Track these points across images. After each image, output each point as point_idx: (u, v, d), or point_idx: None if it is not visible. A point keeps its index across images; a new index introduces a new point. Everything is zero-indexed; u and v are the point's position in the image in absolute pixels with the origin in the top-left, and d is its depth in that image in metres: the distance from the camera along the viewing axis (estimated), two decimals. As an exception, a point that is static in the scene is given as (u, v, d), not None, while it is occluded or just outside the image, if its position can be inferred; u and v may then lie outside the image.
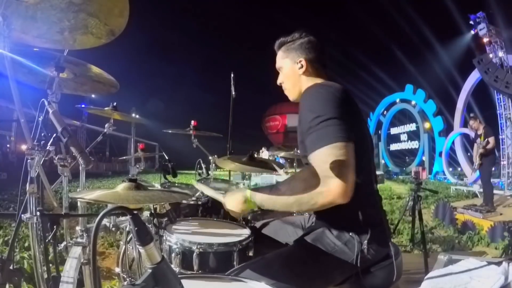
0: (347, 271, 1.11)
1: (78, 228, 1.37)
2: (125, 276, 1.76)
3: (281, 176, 1.88)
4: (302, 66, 1.24)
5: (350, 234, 1.10)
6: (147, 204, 1.21)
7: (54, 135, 1.07)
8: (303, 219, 1.42)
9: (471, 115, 6.46)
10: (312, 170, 0.97)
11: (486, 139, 5.59)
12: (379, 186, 1.29)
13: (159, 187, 1.87)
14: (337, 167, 0.92)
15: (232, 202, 1.13)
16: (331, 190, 0.92)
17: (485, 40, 10.97)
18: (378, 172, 15.83)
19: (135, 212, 0.64)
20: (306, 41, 1.25)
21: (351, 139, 0.97)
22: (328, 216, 1.17)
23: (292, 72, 1.27)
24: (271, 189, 1.07)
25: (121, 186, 0.91)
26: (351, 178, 0.93)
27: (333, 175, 0.91)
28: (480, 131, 5.79)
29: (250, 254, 1.22)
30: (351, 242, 1.09)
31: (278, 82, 1.35)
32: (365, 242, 1.09)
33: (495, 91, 10.98)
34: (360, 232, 1.10)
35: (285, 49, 1.29)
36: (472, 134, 6.52)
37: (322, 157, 0.95)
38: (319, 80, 1.25)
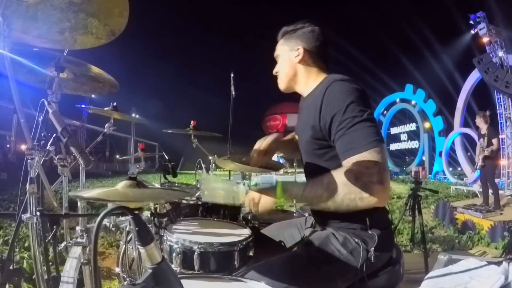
0: (350, 278, 1.09)
1: (78, 228, 1.36)
2: (125, 276, 1.76)
3: (281, 175, 1.88)
4: (298, 54, 1.20)
5: (356, 241, 1.08)
6: (147, 202, 1.21)
7: (54, 135, 1.07)
8: (299, 221, 1.40)
9: (484, 112, 5.87)
10: (350, 173, 0.94)
11: (490, 141, 5.51)
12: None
13: (159, 187, 1.86)
14: (378, 172, 0.92)
15: (257, 202, 1.08)
16: (375, 196, 0.91)
17: (485, 39, 10.95)
18: (378, 172, 15.79)
19: (136, 212, 0.64)
20: (308, 30, 1.21)
21: (383, 140, 0.99)
22: (335, 220, 1.15)
23: (288, 59, 1.23)
24: (306, 185, 1.01)
25: (121, 184, 0.91)
26: (389, 181, 0.94)
27: (375, 181, 0.91)
28: (484, 131, 5.71)
29: (251, 254, 1.22)
30: (357, 250, 1.07)
31: (274, 71, 1.30)
32: (372, 249, 1.07)
33: (495, 91, 10.97)
34: (367, 239, 1.08)
35: (287, 37, 1.25)
36: (472, 134, 6.45)
37: (365, 162, 0.93)
38: (319, 73, 1.21)
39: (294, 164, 3.52)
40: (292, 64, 1.22)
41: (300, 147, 1.28)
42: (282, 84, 1.28)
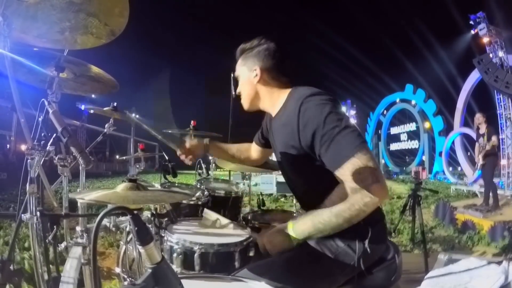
0: (349, 273, 1.10)
1: (78, 228, 1.36)
2: (125, 276, 1.76)
3: (281, 175, 1.88)
4: (256, 75, 1.19)
5: (352, 235, 1.09)
6: (147, 204, 1.21)
7: (54, 135, 1.07)
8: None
9: (482, 113, 6.11)
10: (346, 185, 0.97)
11: (490, 138, 5.57)
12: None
13: (159, 187, 1.86)
14: (371, 173, 0.93)
15: (274, 243, 1.11)
16: (375, 196, 0.93)
17: (485, 40, 10.95)
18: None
19: (135, 212, 0.64)
20: (263, 49, 1.20)
21: (366, 141, 1.01)
22: None
23: (247, 80, 1.23)
24: (313, 217, 1.04)
25: (121, 186, 0.91)
26: (383, 177, 0.96)
27: (371, 182, 0.93)
28: (483, 130, 5.76)
29: (251, 254, 1.22)
30: (353, 243, 1.09)
31: (237, 91, 1.31)
32: (366, 241, 1.08)
33: (495, 91, 10.97)
34: (361, 232, 1.09)
35: (244, 56, 1.25)
36: (472, 134, 6.48)
37: (355, 168, 0.94)
38: (281, 89, 1.21)
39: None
40: (251, 85, 1.22)
41: (282, 167, 1.28)
42: (245, 105, 1.29)
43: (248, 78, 1.22)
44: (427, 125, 17.93)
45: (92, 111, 2.05)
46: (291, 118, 1.09)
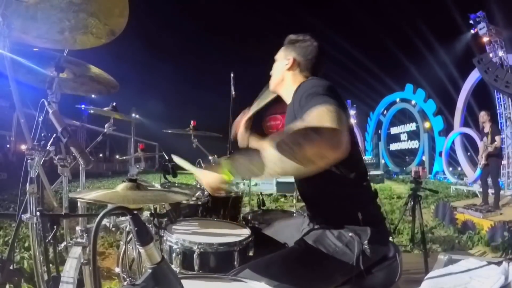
0: (348, 272, 1.10)
1: (78, 228, 1.37)
2: (125, 276, 1.76)
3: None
4: (288, 63, 1.30)
5: (350, 234, 1.10)
6: (147, 204, 1.21)
7: (54, 135, 1.07)
8: (299, 221, 1.41)
9: (487, 111, 6.03)
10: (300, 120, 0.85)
11: (493, 139, 5.57)
12: (379, 186, 1.29)
13: (159, 187, 1.87)
14: (333, 119, 0.80)
15: (208, 177, 1.06)
16: (325, 135, 0.76)
17: (485, 39, 10.95)
18: (378, 172, 15.83)
19: (135, 212, 0.64)
20: (305, 45, 1.31)
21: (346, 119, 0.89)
22: (328, 215, 1.18)
23: (280, 64, 1.35)
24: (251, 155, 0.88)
25: (121, 186, 0.91)
26: (346, 133, 0.79)
27: (329, 124, 0.78)
28: (487, 129, 5.76)
29: (251, 254, 1.22)
30: (351, 243, 1.09)
31: (271, 72, 1.42)
32: (366, 242, 1.09)
33: (495, 91, 10.97)
34: (360, 232, 1.10)
35: (287, 45, 1.36)
36: (472, 134, 6.47)
37: (318, 112, 0.84)
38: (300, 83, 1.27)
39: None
40: (282, 71, 1.34)
41: None
42: (271, 85, 1.41)
43: (281, 63, 1.34)
44: (427, 125, 17.92)
45: (92, 111, 2.06)
46: (293, 101, 1.15)
